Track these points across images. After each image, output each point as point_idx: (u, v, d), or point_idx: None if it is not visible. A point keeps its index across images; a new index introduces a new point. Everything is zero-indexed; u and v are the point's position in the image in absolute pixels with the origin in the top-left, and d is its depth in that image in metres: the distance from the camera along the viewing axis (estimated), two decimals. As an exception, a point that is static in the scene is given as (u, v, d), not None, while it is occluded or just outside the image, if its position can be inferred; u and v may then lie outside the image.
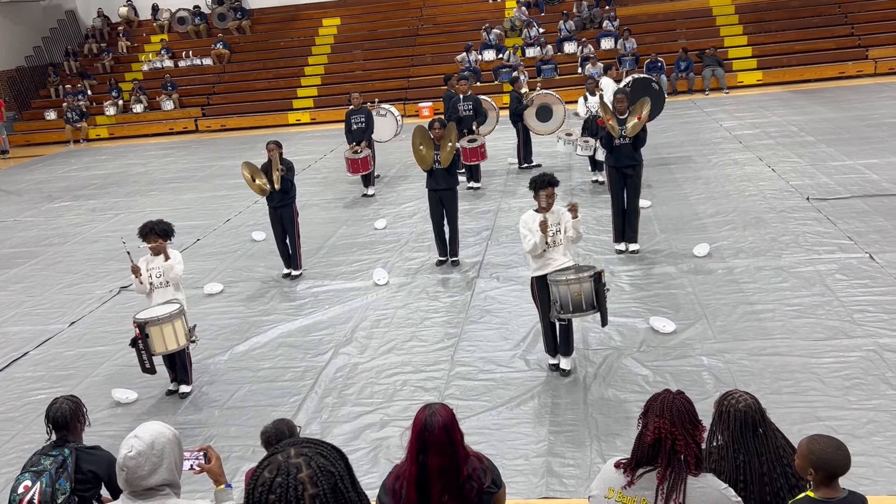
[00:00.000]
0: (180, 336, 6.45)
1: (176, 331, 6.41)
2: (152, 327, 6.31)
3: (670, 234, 9.55)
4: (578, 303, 6.02)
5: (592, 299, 6.02)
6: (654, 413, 2.79)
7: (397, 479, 3.15)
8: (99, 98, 25.25)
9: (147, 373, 6.49)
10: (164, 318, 6.34)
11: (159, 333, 6.34)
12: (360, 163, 12.93)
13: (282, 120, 23.33)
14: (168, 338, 6.37)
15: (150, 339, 6.32)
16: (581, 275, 6.01)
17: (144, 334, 6.30)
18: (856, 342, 6.40)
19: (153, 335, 6.32)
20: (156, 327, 6.32)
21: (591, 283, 5.99)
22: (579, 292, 6.01)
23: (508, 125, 14.41)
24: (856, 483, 4.46)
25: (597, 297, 6.02)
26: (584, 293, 6.01)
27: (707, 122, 16.60)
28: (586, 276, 5.98)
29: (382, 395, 6.43)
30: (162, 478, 2.80)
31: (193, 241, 11.57)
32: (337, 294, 8.80)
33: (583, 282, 5.99)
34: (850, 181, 10.88)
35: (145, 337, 6.30)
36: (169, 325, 6.36)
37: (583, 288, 6.00)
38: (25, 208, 15.34)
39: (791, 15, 22.40)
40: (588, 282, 5.99)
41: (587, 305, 6.04)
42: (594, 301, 6.03)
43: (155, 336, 6.33)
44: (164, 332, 6.34)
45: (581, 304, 6.03)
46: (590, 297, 6.02)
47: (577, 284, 6.01)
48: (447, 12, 26.17)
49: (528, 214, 6.39)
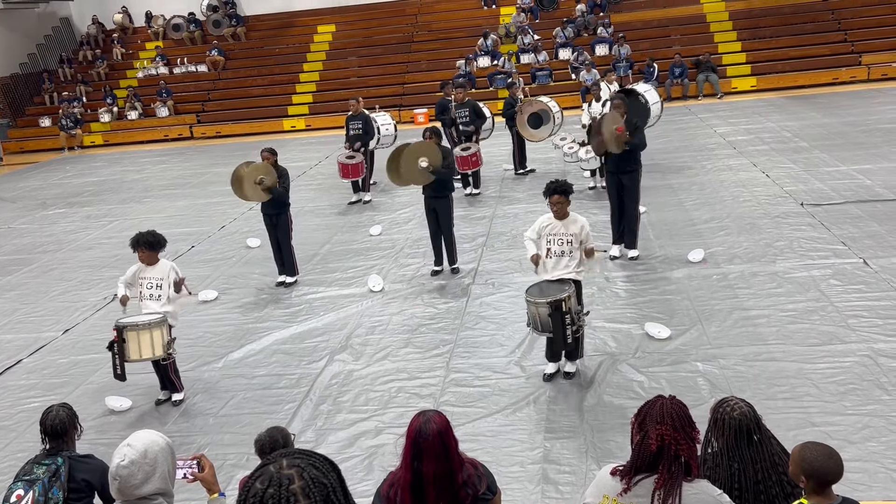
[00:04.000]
0: (157, 346, 6.32)
1: (153, 340, 6.29)
2: (130, 332, 6.22)
3: (665, 240, 9.56)
4: (543, 323, 6.01)
5: (549, 324, 5.97)
6: (653, 421, 2.78)
7: (392, 487, 3.14)
8: (93, 105, 25.22)
9: (118, 379, 6.39)
10: (143, 325, 6.25)
11: (136, 339, 6.23)
12: (352, 168, 12.90)
13: (277, 127, 23.32)
14: (144, 346, 6.25)
15: (126, 345, 6.22)
16: (539, 299, 5.97)
17: (121, 339, 6.21)
18: (850, 347, 6.40)
19: (129, 340, 6.23)
20: (133, 332, 6.23)
21: (547, 308, 5.93)
22: (536, 314, 6.02)
23: (504, 131, 14.44)
24: (851, 489, 4.46)
25: (553, 323, 5.94)
26: (540, 316, 6.00)
27: (701, 127, 16.64)
28: (543, 301, 5.94)
29: (377, 402, 6.41)
30: (155, 487, 2.79)
31: (188, 248, 11.54)
32: (332, 301, 8.79)
33: (539, 307, 5.98)
34: (844, 187, 10.91)
35: (122, 342, 6.22)
36: (147, 333, 6.25)
37: (539, 312, 6.00)
38: (19, 215, 15.30)
39: (785, 21, 22.50)
40: (545, 307, 5.94)
41: (546, 328, 6.01)
42: (550, 326, 5.97)
43: (131, 341, 6.23)
44: (140, 338, 6.23)
45: (541, 326, 6.03)
46: (546, 322, 5.98)
47: (534, 307, 6.02)
48: (442, 19, 26.22)
49: (544, 216, 6.46)
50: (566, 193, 6.30)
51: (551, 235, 6.32)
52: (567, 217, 6.34)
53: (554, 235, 6.31)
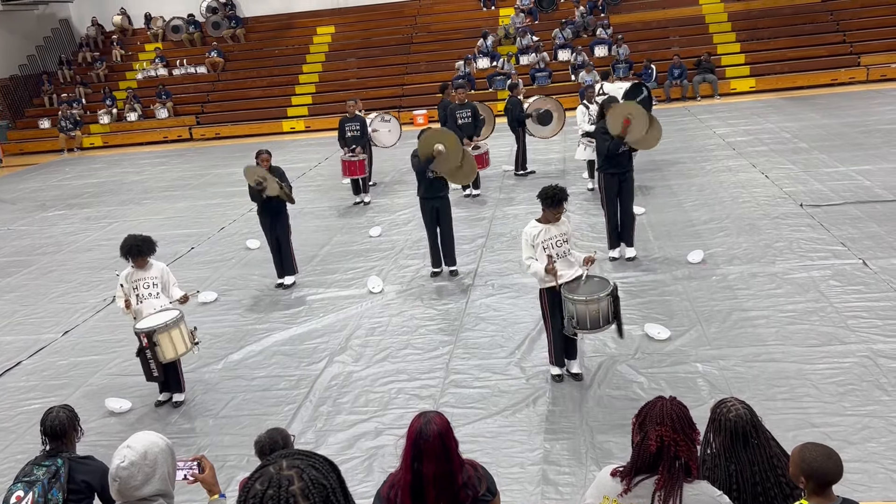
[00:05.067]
0: (187, 340, 6.45)
1: (183, 335, 6.41)
2: (160, 334, 6.26)
3: (664, 241, 9.56)
4: (595, 319, 6.05)
5: (609, 315, 6.07)
6: (653, 422, 2.78)
7: (392, 488, 3.14)
8: (93, 106, 25.23)
9: (154, 381, 6.48)
10: (171, 324, 6.31)
11: (168, 339, 6.29)
12: (357, 165, 12.89)
13: (276, 128, 23.33)
14: (177, 343, 6.35)
15: (159, 347, 6.26)
16: (599, 294, 6.01)
17: (153, 342, 6.24)
18: (850, 348, 6.41)
19: (162, 342, 6.27)
20: (164, 334, 6.28)
21: (608, 301, 6.02)
22: (597, 310, 6.05)
23: (505, 132, 14.43)
24: (851, 489, 4.47)
25: (614, 312, 6.08)
26: (601, 311, 6.05)
27: (700, 128, 16.64)
28: (604, 295, 6.00)
29: (377, 404, 6.41)
30: (155, 488, 2.79)
31: (188, 249, 11.54)
32: (331, 302, 8.79)
33: (601, 301, 6.01)
34: (843, 187, 10.92)
35: (153, 345, 6.25)
36: (176, 330, 6.35)
37: (601, 307, 6.04)
38: (19, 217, 15.30)
39: (783, 22, 22.52)
40: (606, 300, 6.02)
41: (604, 321, 6.08)
42: (610, 317, 6.08)
43: (164, 342, 6.28)
44: (172, 337, 6.31)
45: (598, 320, 6.07)
46: (606, 313, 6.06)
47: (595, 304, 6.03)
48: (441, 20, 26.23)
49: (531, 227, 6.21)
50: (567, 199, 6.31)
51: (548, 241, 6.23)
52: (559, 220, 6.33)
53: (550, 240, 6.24)
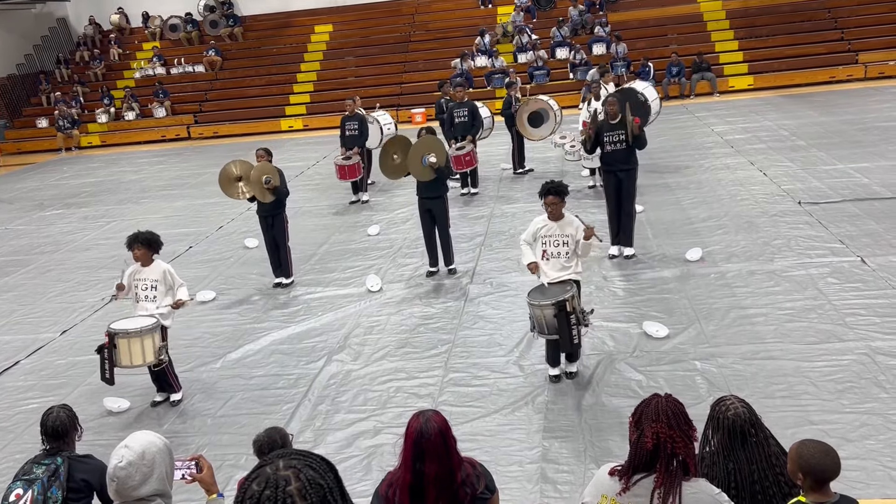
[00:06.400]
0: (148, 353, 6.35)
1: (144, 347, 6.31)
2: (121, 339, 6.25)
3: (663, 239, 9.56)
4: (548, 325, 6.01)
5: (555, 326, 5.98)
6: (648, 419, 2.78)
7: (390, 487, 3.14)
8: (91, 105, 25.20)
9: (105, 382, 6.41)
10: (135, 333, 6.26)
11: (126, 347, 6.26)
12: (349, 169, 12.93)
13: (274, 127, 23.31)
14: (135, 353, 6.29)
15: (117, 351, 6.25)
16: (542, 301, 5.98)
17: (112, 344, 6.24)
18: (848, 345, 6.41)
19: (120, 347, 6.25)
20: (124, 340, 6.25)
21: (552, 310, 5.94)
22: (542, 317, 6.02)
23: (503, 130, 14.43)
24: (849, 487, 4.47)
25: (559, 324, 5.95)
26: (546, 319, 6.00)
27: (699, 126, 16.65)
28: (548, 303, 5.95)
29: (376, 402, 6.41)
30: (153, 488, 2.78)
31: (186, 248, 11.53)
32: (330, 301, 8.78)
33: (544, 309, 5.98)
34: (841, 185, 10.92)
35: (112, 347, 6.24)
36: (138, 341, 6.28)
37: (545, 314, 6.00)
38: (17, 216, 15.27)
39: (781, 20, 22.51)
40: (550, 309, 5.95)
41: (551, 330, 6.02)
42: (556, 328, 5.98)
43: (122, 348, 6.25)
44: (131, 346, 6.26)
45: (545, 327, 6.03)
46: (552, 323, 5.99)
47: (538, 310, 6.02)
48: (439, 19, 26.21)
49: (539, 218, 6.46)
50: (561, 194, 6.25)
51: (547, 237, 6.29)
52: (562, 218, 6.32)
53: (549, 237, 6.28)
